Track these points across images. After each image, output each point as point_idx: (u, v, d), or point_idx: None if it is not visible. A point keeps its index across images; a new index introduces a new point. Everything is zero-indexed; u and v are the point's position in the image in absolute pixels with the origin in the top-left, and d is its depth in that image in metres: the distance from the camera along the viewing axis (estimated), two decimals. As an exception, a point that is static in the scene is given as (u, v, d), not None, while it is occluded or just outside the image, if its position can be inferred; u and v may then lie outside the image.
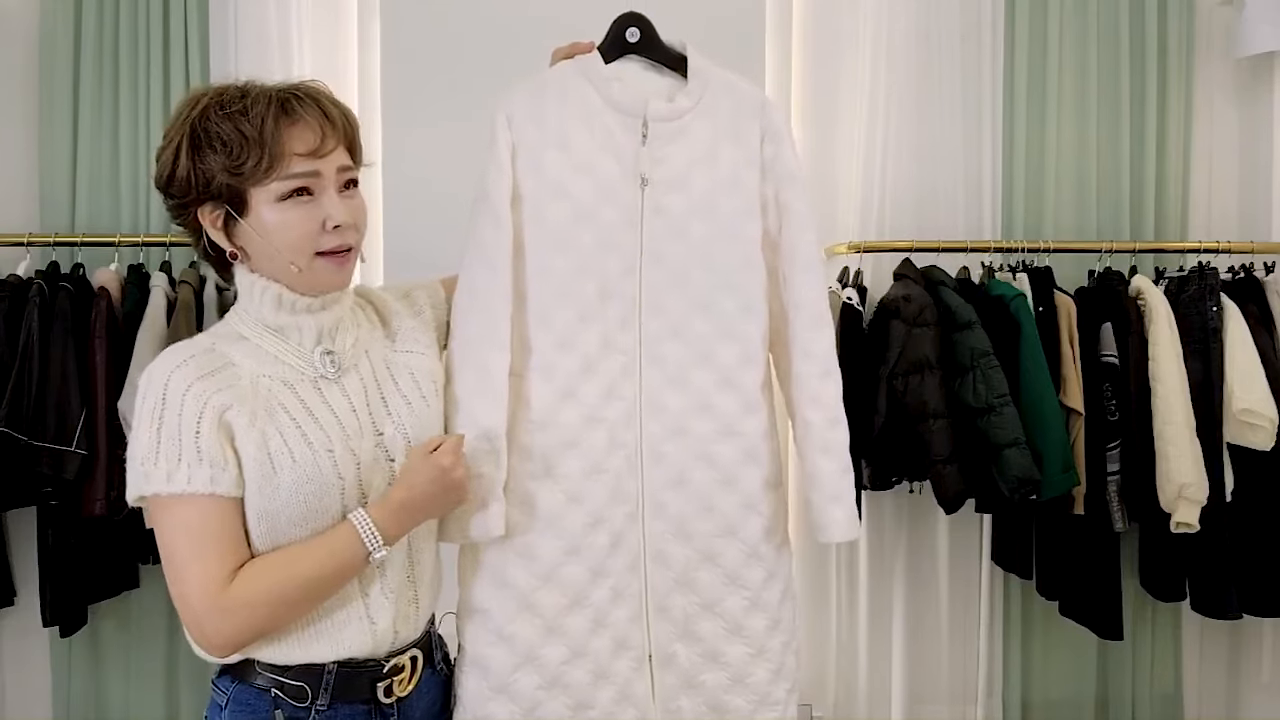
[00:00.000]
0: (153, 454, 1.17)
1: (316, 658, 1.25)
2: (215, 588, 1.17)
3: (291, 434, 1.22)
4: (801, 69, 2.83)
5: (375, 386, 1.32)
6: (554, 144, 1.44)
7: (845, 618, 2.79)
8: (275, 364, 1.26)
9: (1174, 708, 2.83)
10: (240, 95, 1.22)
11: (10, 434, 2.29)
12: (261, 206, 1.22)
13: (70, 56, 2.59)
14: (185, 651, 2.64)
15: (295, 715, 1.24)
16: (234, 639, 1.20)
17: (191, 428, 1.17)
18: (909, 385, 2.42)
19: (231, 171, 1.20)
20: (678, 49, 1.52)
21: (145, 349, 2.35)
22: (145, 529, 2.34)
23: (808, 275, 1.50)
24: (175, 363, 1.21)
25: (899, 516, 2.77)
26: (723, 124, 1.49)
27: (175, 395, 1.18)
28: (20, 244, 2.48)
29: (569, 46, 1.51)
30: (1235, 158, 2.86)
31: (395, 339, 1.38)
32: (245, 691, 1.25)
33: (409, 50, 2.70)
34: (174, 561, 1.19)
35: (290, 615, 1.22)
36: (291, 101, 1.23)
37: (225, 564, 1.18)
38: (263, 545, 1.22)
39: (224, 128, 1.20)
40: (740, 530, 1.48)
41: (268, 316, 1.27)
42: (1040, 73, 2.73)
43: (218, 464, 1.18)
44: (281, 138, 1.20)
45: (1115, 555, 2.55)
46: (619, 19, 1.50)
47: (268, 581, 1.19)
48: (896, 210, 2.72)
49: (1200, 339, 2.47)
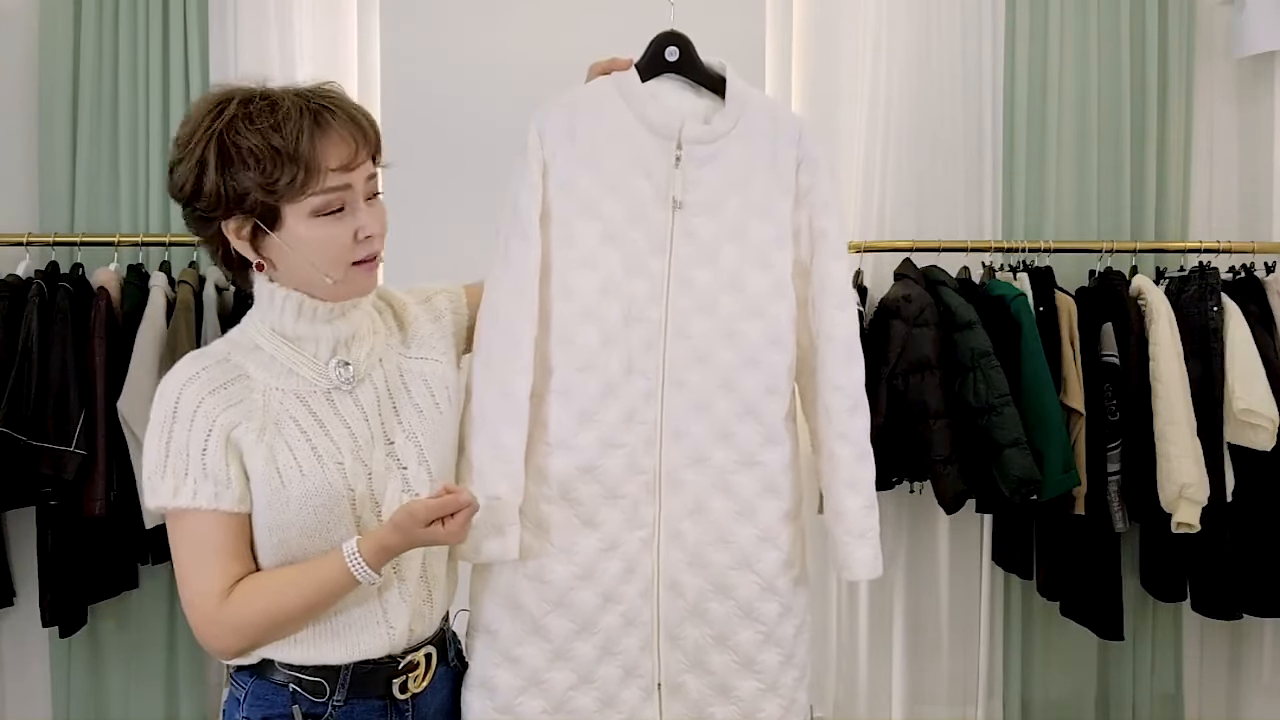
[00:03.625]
0: (160, 468, 1.20)
1: (333, 659, 1.26)
2: (213, 601, 1.20)
3: (300, 447, 1.22)
4: (802, 70, 2.82)
5: (388, 395, 1.31)
6: (586, 162, 1.42)
7: (845, 618, 2.79)
8: (289, 376, 1.25)
9: (1174, 708, 2.83)
10: (269, 105, 1.18)
11: (10, 434, 2.29)
12: (295, 221, 1.20)
13: (70, 56, 2.59)
14: (185, 651, 2.64)
15: (313, 710, 1.25)
16: (232, 650, 1.24)
17: (199, 445, 1.19)
18: (909, 385, 2.41)
19: (266, 188, 1.17)
20: (717, 69, 1.49)
21: (145, 349, 2.35)
22: (145, 529, 2.35)
23: (840, 307, 1.46)
24: (188, 375, 1.23)
25: (899, 516, 2.77)
26: (759, 149, 1.46)
27: (185, 411, 1.20)
28: (20, 244, 2.48)
29: (608, 62, 1.48)
30: (1235, 158, 2.86)
31: (410, 345, 1.37)
32: (263, 686, 1.26)
33: (409, 50, 2.70)
34: (180, 569, 1.24)
35: (284, 634, 1.24)
36: (324, 114, 1.20)
37: (226, 576, 1.21)
38: (274, 556, 1.24)
39: (256, 141, 1.16)
40: (756, 563, 1.45)
41: (287, 326, 1.26)
42: (1040, 72, 2.73)
43: (221, 482, 1.19)
44: (316, 152, 1.18)
45: (1116, 555, 2.55)
46: (658, 37, 1.48)
47: (260, 606, 1.22)
48: (896, 210, 2.71)
49: (1201, 339, 2.46)
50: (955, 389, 2.42)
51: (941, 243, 2.62)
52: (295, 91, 1.22)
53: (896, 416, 2.44)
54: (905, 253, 2.61)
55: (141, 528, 2.34)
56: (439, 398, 1.34)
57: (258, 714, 1.25)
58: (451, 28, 2.71)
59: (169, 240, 2.50)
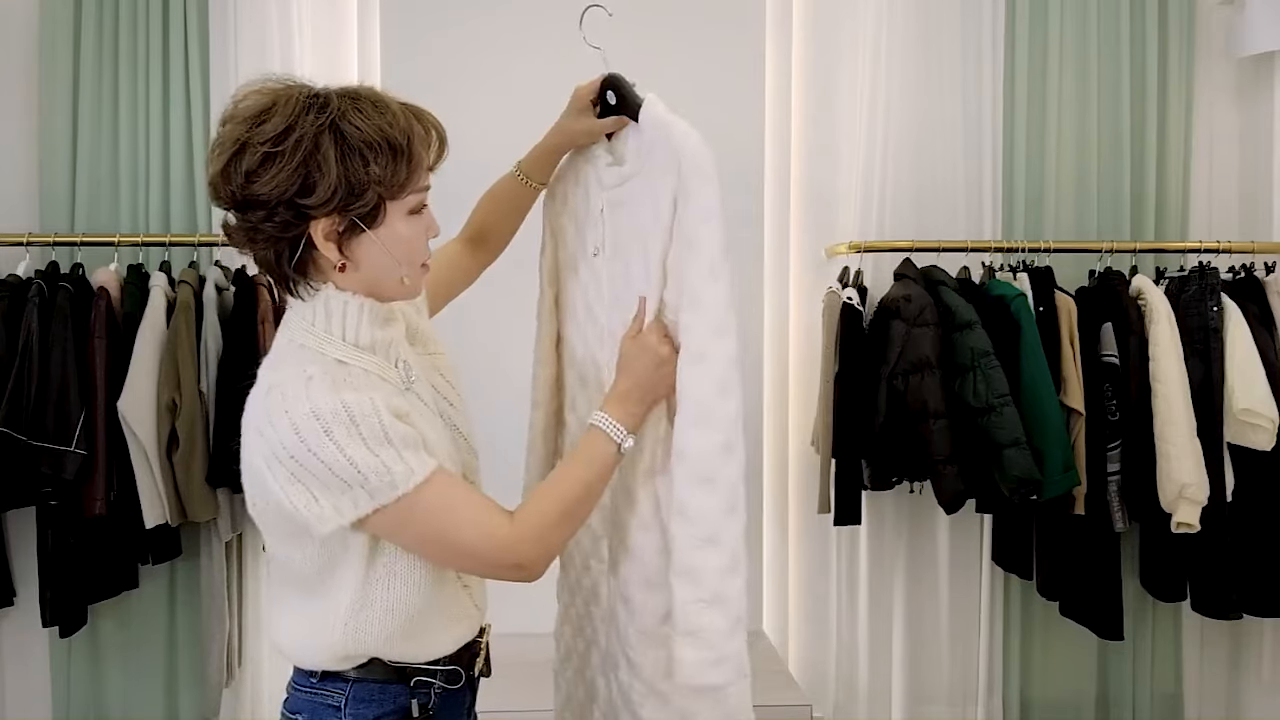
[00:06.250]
0: (381, 468, 1.13)
1: (450, 646, 1.29)
2: (504, 528, 1.20)
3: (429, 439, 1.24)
4: (801, 68, 2.83)
5: (432, 389, 1.34)
6: (569, 223, 1.53)
7: (845, 618, 2.79)
8: (381, 384, 1.21)
9: (1174, 708, 2.83)
10: (374, 101, 1.18)
11: (10, 434, 2.29)
12: (395, 218, 1.19)
13: (70, 56, 2.59)
14: (185, 651, 2.64)
15: (423, 700, 1.27)
16: (543, 562, 1.24)
17: (396, 427, 1.14)
18: (909, 385, 2.41)
19: (383, 182, 1.16)
20: (640, 99, 1.37)
21: (145, 349, 2.35)
22: (145, 529, 2.35)
23: (692, 361, 1.27)
24: (325, 387, 1.13)
25: (899, 516, 2.77)
26: (653, 184, 1.33)
27: (360, 409, 1.13)
28: (20, 244, 2.48)
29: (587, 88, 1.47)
30: (1235, 158, 2.86)
31: (416, 343, 1.37)
32: (367, 688, 1.25)
33: (409, 50, 2.70)
34: (452, 536, 1.19)
35: (578, 524, 1.28)
36: (420, 114, 1.22)
37: (495, 505, 1.22)
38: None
39: (374, 135, 1.15)
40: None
41: (363, 334, 1.22)
42: (1040, 72, 2.74)
43: (421, 441, 1.18)
44: (420, 150, 1.19)
45: (1116, 555, 2.55)
46: (602, 83, 1.44)
47: (546, 505, 1.23)
48: (896, 210, 2.72)
49: (1201, 339, 2.46)
50: (955, 389, 2.42)
51: (941, 243, 2.62)
52: (371, 91, 1.21)
53: (896, 416, 2.44)
54: (905, 253, 2.61)
55: (141, 528, 2.35)
56: (459, 388, 1.39)
57: (370, 713, 1.24)
58: (452, 28, 2.71)
59: (169, 240, 2.51)
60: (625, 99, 1.41)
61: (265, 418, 1.13)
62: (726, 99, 2.73)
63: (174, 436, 2.35)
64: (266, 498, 1.16)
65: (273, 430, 1.12)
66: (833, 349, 2.53)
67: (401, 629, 1.22)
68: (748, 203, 2.75)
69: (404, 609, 1.21)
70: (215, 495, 2.38)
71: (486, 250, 1.58)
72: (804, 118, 2.82)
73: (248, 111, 1.14)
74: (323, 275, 1.21)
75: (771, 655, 2.64)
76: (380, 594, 1.21)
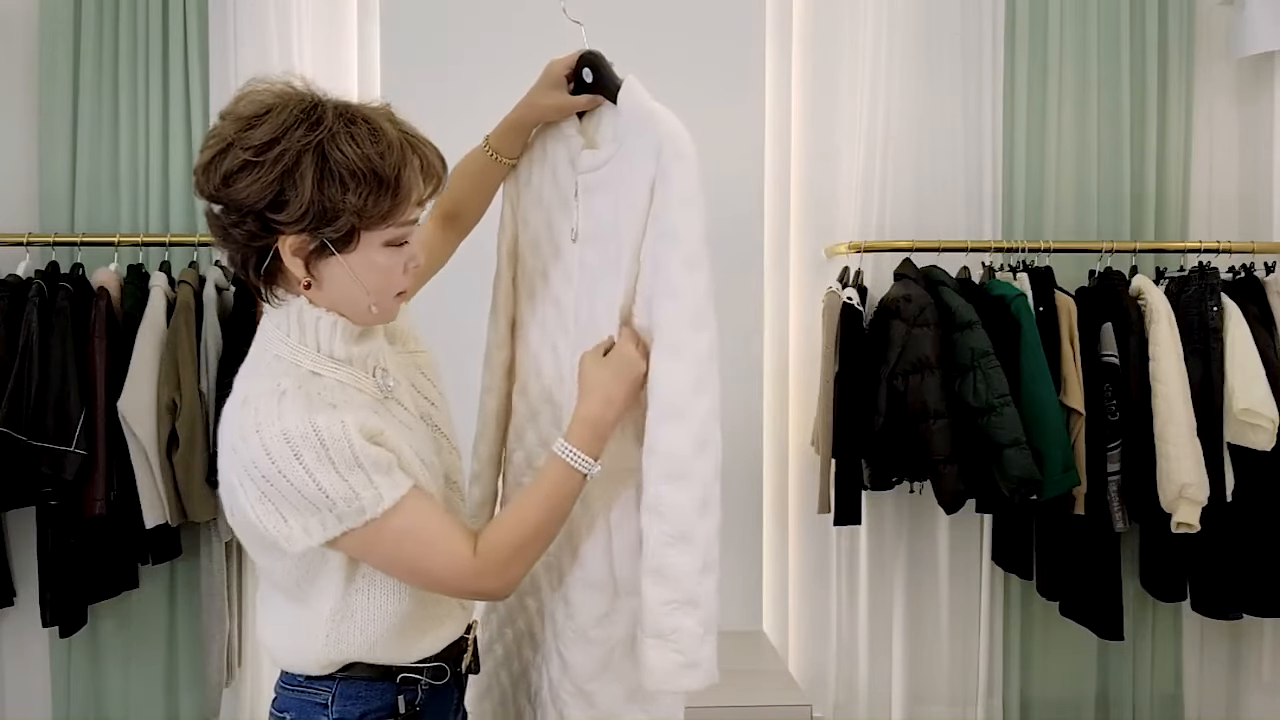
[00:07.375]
0: (349, 494, 1.12)
1: (439, 645, 1.29)
2: (468, 555, 1.19)
3: (404, 454, 1.21)
4: (801, 69, 2.83)
5: (414, 391, 1.34)
6: (532, 202, 1.49)
7: (845, 618, 2.79)
8: (356, 397, 1.20)
9: (1174, 708, 2.83)
10: (371, 129, 1.14)
11: (10, 434, 2.29)
12: (369, 247, 1.16)
13: (70, 56, 2.59)
14: (185, 651, 2.64)
15: (409, 698, 1.27)
16: (509, 585, 1.24)
17: (366, 450, 1.13)
18: (909, 385, 2.41)
19: (359, 212, 1.12)
20: (620, 80, 1.34)
21: (145, 349, 2.35)
22: (145, 529, 2.35)
23: (669, 355, 1.23)
24: (298, 405, 1.12)
25: (899, 516, 2.77)
26: (631, 169, 1.29)
27: (330, 432, 1.11)
28: (20, 244, 2.48)
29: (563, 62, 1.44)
30: (1235, 158, 2.86)
31: (395, 341, 1.37)
32: (353, 685, 1.25)
33: (409, 50, 2.70)
34: (418, 556, 1.18)
35: (544, 550, 1.26)
36: (417, 147, 1.17)
37: (462, 530, 1.21)
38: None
39: (360, 164, 1.11)
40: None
41: (337, 348, 1.20)
42: (1040, 72, 2.74)
43: (394, 463, 1.17)
44: (409, 186, 1.15)
45: (1115, 555, 2.55)
46: (579, 59, 1.39)
47: (506, 535, 1.22)
48: (896, 210, 2.72)
49: (1201, 339, 2.46)
50: (955, 389, 2.42)
51: (941, 243, 2.62)
52: (386, 116, 1.18)
53: (896, 416, 2.44)
54: (905, 253, 2.61)
55: (141, 528, 2.35)
56: (439, 385, 1.39)
57: (357, 710, 1.25)
58: (451, 29, 2.71)
59: (169, 240, 2.51)
60: (603, 78, 1.36)
61: (238, 433, 1.13)
62: (727, 99, 2.73)
63: (174, 436, 2.35)
64: (241, 512, 1.16)
65: (245, 447, 1.11)
66: (833, 349, 2.53)
67: (384, 636, 1.22)
68: (748, 203, 2.75)
69: (386, 617, 1.21)
70: (215, 495, 2.38)
71: (457, 228, 1.54)
72: (804, 118, 2.82)
73: (243, 112, 1.13)
74: (291, 288, 1.19)
75: (771, 655, 2.64)
76: (362, 603, 1.21)
